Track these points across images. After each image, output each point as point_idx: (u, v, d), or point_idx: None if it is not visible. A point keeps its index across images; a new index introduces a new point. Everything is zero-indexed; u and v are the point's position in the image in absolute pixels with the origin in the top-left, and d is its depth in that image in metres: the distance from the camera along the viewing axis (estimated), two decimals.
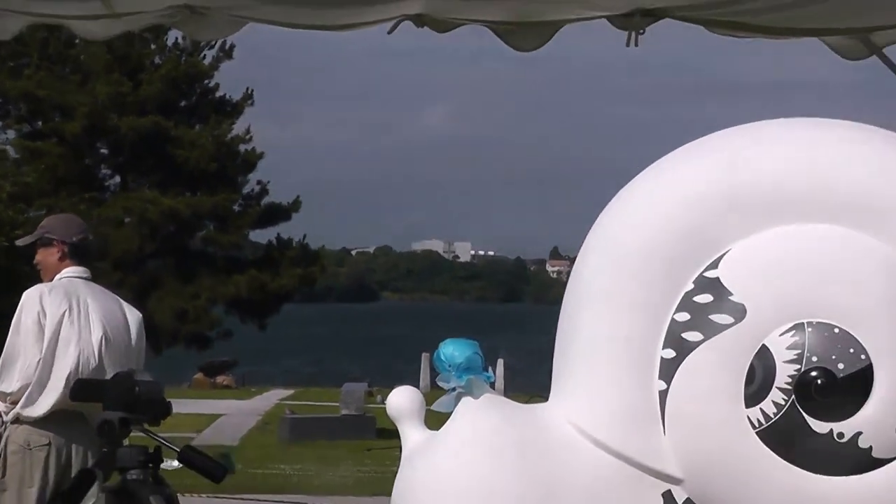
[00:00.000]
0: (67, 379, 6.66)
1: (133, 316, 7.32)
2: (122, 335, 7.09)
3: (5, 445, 6.92)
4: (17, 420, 6.80)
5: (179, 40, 40.23)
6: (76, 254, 7.26)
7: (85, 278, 7.17)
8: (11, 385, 6.86)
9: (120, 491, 3.72)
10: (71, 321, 6.85)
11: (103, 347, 6.89)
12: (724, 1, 5.35)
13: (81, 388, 5.21)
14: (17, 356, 6.83)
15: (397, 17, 5.40)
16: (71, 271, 7.19)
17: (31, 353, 6.82)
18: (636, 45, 5.23)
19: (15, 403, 6.83)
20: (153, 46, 45.38)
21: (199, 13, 5.23)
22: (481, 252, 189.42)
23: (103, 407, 4.00)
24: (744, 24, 5.41)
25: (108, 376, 5.78)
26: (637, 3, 5.16)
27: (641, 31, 5.32)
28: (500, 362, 27.37)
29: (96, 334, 6.88)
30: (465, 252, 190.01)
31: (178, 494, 4.14)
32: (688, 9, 5.30)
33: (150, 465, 3.81)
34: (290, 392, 40.33)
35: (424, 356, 25.38)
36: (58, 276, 7.21)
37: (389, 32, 5.43)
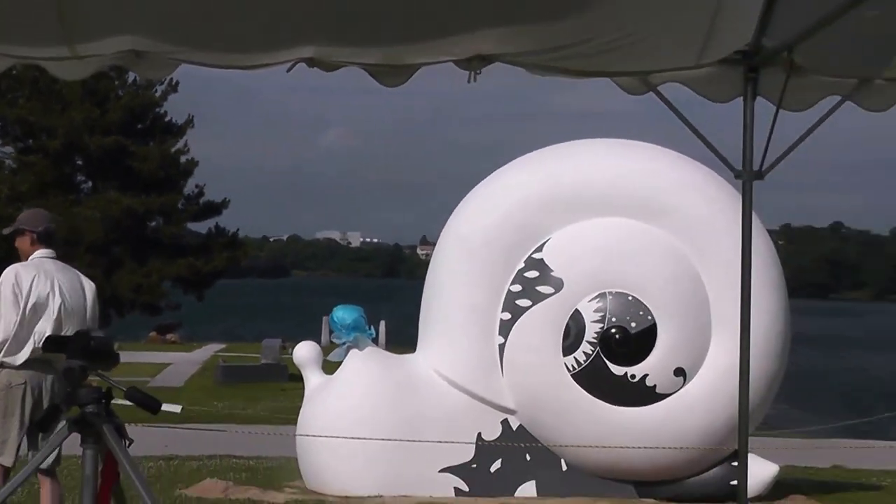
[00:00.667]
0: (40, 335, 6.50)
1: (89, 286, 7.10)
2: (81, 301, 6.90)
3: None
4: (2, 366, 6.66)
5: (137, 78, 39.49)
6: (43, 239, 7.00)
7: (52, 258, 6.93)
8: None
9: (80, 421, 3.65)
10: (41, 291, 6.68)
11: (66, 311, 6.72)
12: (540, 50, 5.14)
13: (50, 342, 5.07)
14: (0, 318, 6.67)
15: (293, 59, 5.16)
16: (40, 253, 6.95)
17: (10, 315, 6.63)
18: (475, 80, 5.06)
19: None
20: (116, 82, 44.41)
21: (143, 56, 4.96)
22: (368, 239, 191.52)
23: (66, 357, 3.90)
24: (555, 68, 5.23)
25: (71, 333, 5.63)
26: (475, 51, 4.99)
27: (479, 70, 5.14)
28: (382, 323, 27.16)
29: (59, 301, 6.70)
30: (355, 239, 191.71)
31: (127, 424, 4.02)
32: (513, 55, 5.10)
33: (104, 401, 3.73)
34: (222, 346, 39.53)
35: (324, 319, 24.94)
36: (31, 257, 6.99)
37: (288, 71, 5.24)
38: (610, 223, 9.27)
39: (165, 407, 10.72)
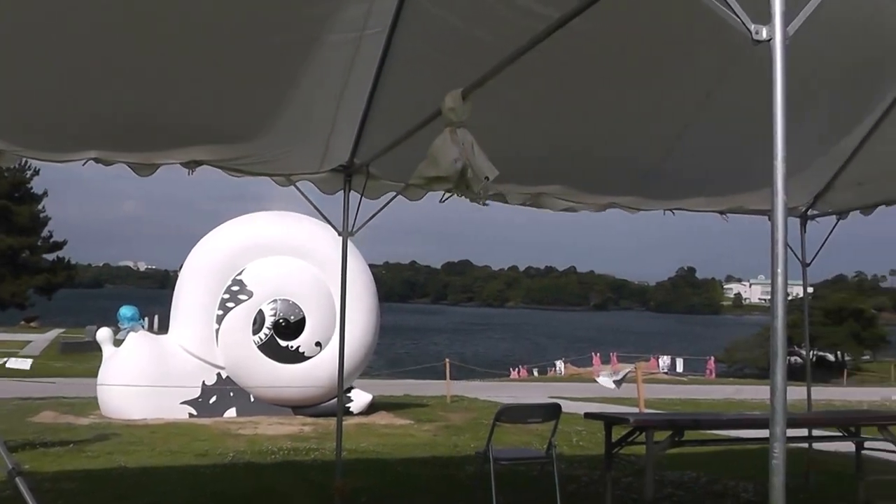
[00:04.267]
0: None
1: None
2: None
3: None
4: None
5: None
6: None
7: None
8: None
9: None
10: None
11: None
12: (230, 159, 6.86)
13: None
14: None
15: (85, 158, 6.56)
16: None
17: None
18: (192, 174, 6.91)
19: None
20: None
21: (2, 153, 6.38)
22: (150, 266, 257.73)
23: None
24: (239, 170, 7.03)
25: None
26: (191, 157, 6.68)
27: (194, 169, 6.88)
28: (156, 317, 36.48)
29: None
30: (143, 266, 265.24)
31: None
32: (216, 161, 6.81)
33: None
34: (63, 330, 52.11)
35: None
36: None
37: (83, 165, 6.70)
38: (281, 259, 15.05)
39: (18, 363, 15.84)
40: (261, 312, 14.67)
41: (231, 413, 14.65)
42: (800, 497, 8.65)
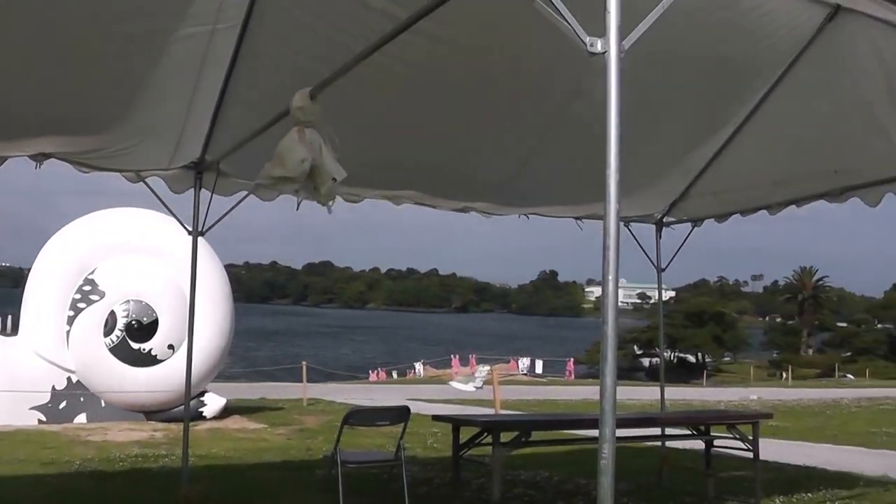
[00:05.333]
0: None
1: None
2: None
3: None
4: None
5: None
6: None
7: None
8: None
9: None
10: None
11: None
12: (77, 153, 6.76)
13: None
14: None
15: None
16: None
17: None
18: (40, 168, 6.73)
19: None
20: None
21: None
22: (4, 264, 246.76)
23: None
24: (88, 164, 6.98)
25: None
26: (40, 149, 6.54)
27: (42, 162, 6.75)
28: (9, 318, 35.11)
29: None
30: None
31: None
32: (63, 154, 6.70)
33: None
34: None
35: None
36: None
37: None
38: (133, 258, 14.56)
39: None
40: (113, 314, 14.21)
41: (81, 419, 14.17)
42: (652, 494, 9.02)
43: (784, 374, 63.95)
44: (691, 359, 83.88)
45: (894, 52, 6.05)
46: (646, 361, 76.90)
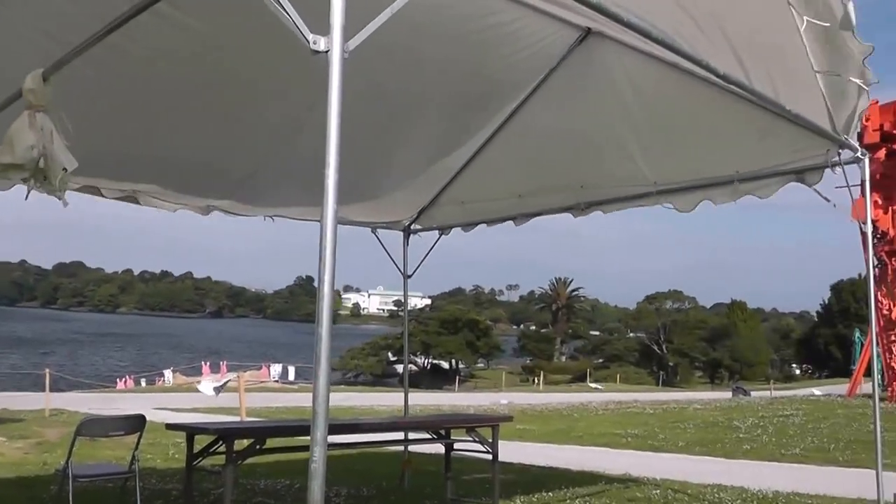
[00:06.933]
0: None
1: None
2: None
3: None
4: None
5: None
6: None
7: None
8: None
9: None
10: None
11: None
12: None
13: None
14: None
15: None
16: None
17: None
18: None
19: None
20: None
21: None
22: None
23: None
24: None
25: None
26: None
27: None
28: None
29: None
30: None
31: None
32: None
33: None
34: None
35: None
36: None
37: None
38: None
39: None
40: None
41: None
42: (391, 499, 9.14)
43: (536, 380, 66.77)
44: (445, 365, 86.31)
45: (644, 77, 6.44)
46: (399, 367, 78.43)
